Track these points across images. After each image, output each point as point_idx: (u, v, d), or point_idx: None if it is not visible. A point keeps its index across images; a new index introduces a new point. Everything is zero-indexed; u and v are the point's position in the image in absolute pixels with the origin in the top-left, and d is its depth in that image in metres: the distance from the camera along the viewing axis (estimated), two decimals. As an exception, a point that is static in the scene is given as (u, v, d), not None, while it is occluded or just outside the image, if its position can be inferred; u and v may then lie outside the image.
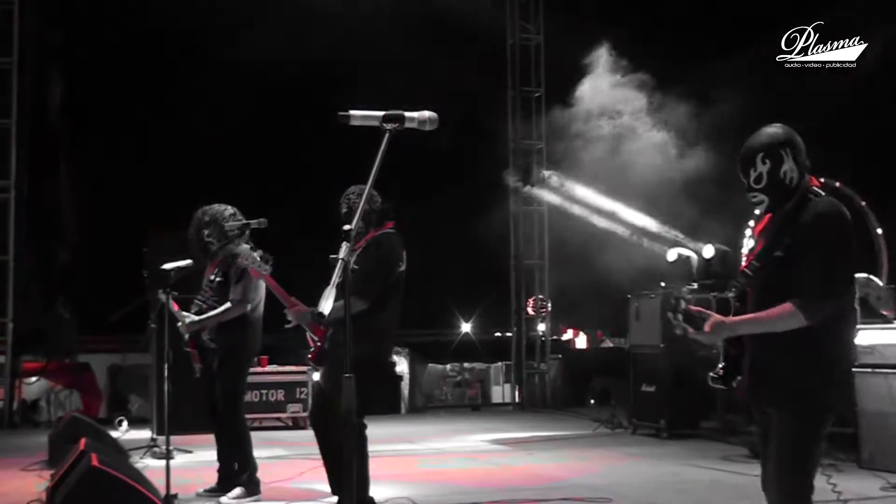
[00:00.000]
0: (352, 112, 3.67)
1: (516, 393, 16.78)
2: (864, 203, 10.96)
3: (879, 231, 11.04)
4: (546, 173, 16.35)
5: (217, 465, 7.79)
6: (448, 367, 17.18)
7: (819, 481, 5.23)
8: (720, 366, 4.23)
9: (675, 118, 14.21)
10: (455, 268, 17.26)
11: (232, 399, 7.62)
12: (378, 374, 7.01)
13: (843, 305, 4.02)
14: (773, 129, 4.12)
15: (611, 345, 18.81)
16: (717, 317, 3.97)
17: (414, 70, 14.68)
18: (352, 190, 6.81)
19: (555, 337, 17.86)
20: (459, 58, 15.73)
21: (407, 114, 3.72)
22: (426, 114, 3.77)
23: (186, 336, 7.60)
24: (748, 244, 12.16)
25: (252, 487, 7.51)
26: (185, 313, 7.54)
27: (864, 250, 10.30)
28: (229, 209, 7.66)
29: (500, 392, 17.58)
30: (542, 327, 16.75)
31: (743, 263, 4.23)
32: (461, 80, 15.58)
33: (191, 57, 15.05)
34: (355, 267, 6.70)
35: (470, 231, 15.66)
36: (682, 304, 4.03)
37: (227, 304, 7.45)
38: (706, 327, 3.98)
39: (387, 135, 3.63)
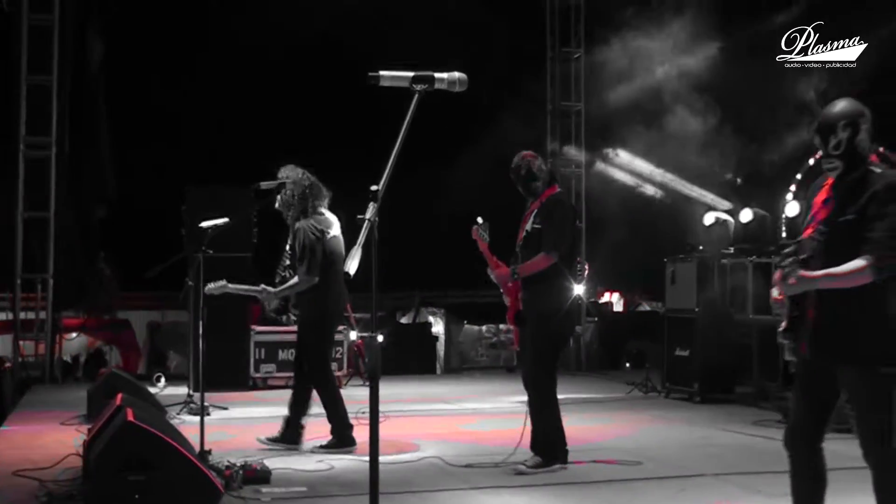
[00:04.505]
0: (381, 73, 3.65)
1: (550, 355, 16.75)
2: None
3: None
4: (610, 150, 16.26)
5: (283, 416, 7.95)
6: (484, 328, 17.22)
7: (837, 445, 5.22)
8: (784, 322, 4.54)
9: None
10: (492, 229, 17.15)
11: (320, 363, 7.88)
12: (572, 327, 7.38)
13: None
14: (851, 101, 4.49)
15: (647, 308, 18.74)
16: (802, 272, 4.29)
17: (449, 26, 14.55)
18: (522, 159, 7.24)
19: (593, 300, 17.78)
20: (496, 15, 15.56)
21: (437, 75, 3.68)
22: (456, 75, 3.72)
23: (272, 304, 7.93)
24: (791, 209, 12.03)
25: (348, 440, 7.76)
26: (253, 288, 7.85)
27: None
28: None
29: (536, 354, 17.59)
30: (577, 289, 16.63)
31: (807, 229, 4.53)
32: (498, 39, 15.44)
33: (229, 13, 15.01)
34: (537, 226, 6.89)
35: (508, 192, 15.52)
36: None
37: (296, 279, 7.77)
38: (791, 280, 4.29)
39: (416, 96, 3.61)
